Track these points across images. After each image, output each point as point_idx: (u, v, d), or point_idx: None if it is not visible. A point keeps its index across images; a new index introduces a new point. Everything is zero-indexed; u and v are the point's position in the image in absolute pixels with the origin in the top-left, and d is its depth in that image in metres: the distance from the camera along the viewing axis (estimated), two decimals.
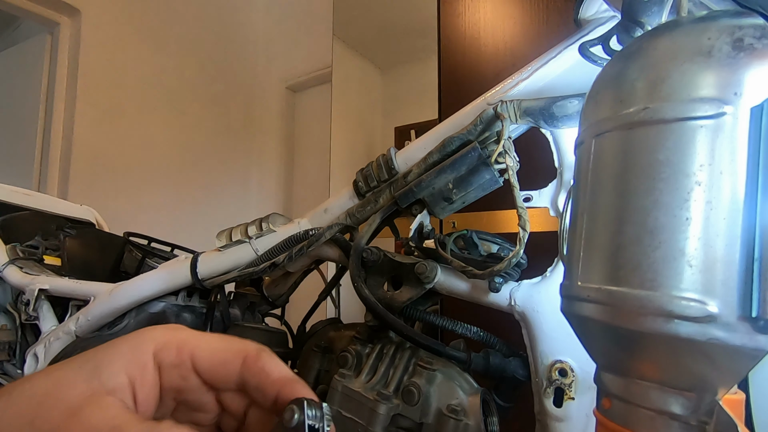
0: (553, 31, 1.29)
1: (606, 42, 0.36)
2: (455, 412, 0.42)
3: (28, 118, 2.26)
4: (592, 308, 0.25)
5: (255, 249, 0.60)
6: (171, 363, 0.22)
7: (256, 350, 0.23)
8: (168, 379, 0.22)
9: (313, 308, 0.68)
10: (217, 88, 2.83)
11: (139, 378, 0.21)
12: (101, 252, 1.02)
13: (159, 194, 2.49)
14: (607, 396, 0.26)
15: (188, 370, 0.22)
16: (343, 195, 0.57)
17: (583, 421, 0.42)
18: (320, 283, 0.69)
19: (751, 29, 0.22)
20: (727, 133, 0.22)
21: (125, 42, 2.38)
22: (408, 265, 0.49)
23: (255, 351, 0.22)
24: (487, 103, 0.48)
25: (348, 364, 0.49)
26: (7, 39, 2.68)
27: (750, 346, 0.21)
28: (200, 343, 0.22)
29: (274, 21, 3.08)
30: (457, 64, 1.45)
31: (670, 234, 0.22)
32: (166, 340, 0.22)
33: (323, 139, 2.27)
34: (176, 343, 0.22)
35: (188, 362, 0.22)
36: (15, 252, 0.93)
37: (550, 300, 0.44)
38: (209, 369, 0.22)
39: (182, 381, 0.22)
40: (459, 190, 0.47)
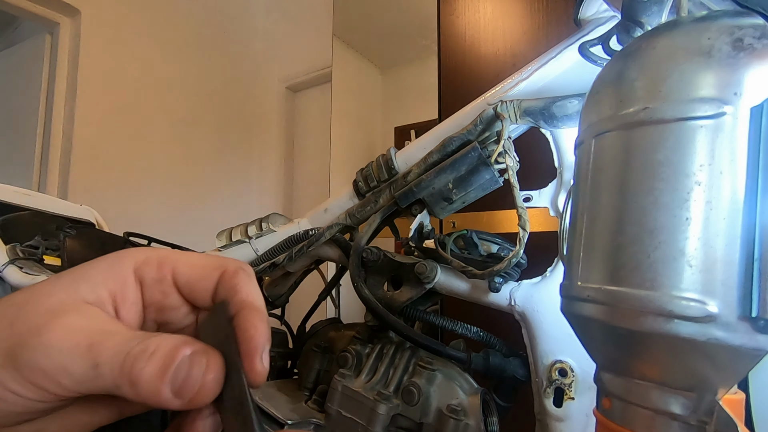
0: (553, 31, 1.29)
1: (606, 42, 0.36)
2: (455, 412, 0.42)
3: (28, 118, 2.26)
4: (592, 308, 0.25)
5: (255, 249, 0.60)
6: (152, 278, 0.21)
7: (235, 267, 0.22)
8: (149, 295, 0.22)
9: (313, 308, 0.68)
10: (217, 88, 2.83)
11: (120, 293, 0.21)
12: (101, 252, 1.01)
13: (159, 194, 2.49)
14: (607, 396, 0.26)
15: (169, 286, 0.22)
16: (343, 195, 0.57)
17: (583, 421, 0.42)
18: (320, 283, 0.69)
19: (751, 29, 0.22)
20: (727, 133, 0.22)
21: (125, 42, 2.38)
22: (408, 265, 0.49)
23: (233, 267, 0.22)
24: (487, 103, 0.48)
25: (348, 364, 0.49)
26: (7, 39, 2.68)
27: (750, 346, 0.21)
28: (180, 258, 0.22)
29: (274, 21, 3.08)
30: (457, 64, 1.45)
31: (670, 234, 0.22)
32: (147, 256, 0.22)
33: (323, 139, 2.27)
34: (156, 258, 0.22)
35: (169, 277, 0.22)
36: (15, 252, 0.93)
37: (550, 300, 0.44)
38: (188, 283, 0.22)
39: (163, 297, 0.22)
40: (459, 190, 0.47)
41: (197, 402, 0.18)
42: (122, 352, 0.18)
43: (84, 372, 0.18)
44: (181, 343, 0.19)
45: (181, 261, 0.22)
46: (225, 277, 0.22)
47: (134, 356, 0.18)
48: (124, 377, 0.18)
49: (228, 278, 0.22)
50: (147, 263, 0.21)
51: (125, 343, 0.18)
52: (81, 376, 0.18)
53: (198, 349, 0.19)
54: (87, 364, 0.18)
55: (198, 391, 0.18)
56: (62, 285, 0.20)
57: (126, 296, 0.21)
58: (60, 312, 0.18)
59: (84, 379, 0.18)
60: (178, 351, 0.18)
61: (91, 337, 0.18)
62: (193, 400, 0.18)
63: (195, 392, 0.18)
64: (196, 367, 0.18)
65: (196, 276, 0.22)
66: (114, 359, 0.18)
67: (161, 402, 0.18)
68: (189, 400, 0.18)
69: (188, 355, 0.18)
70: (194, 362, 0.18)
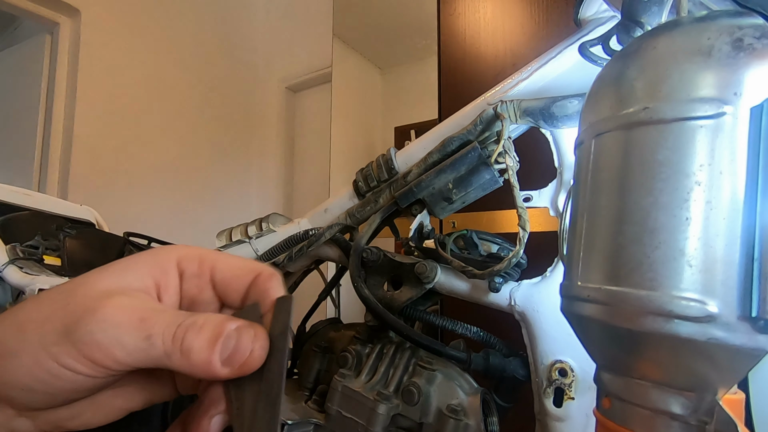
0: (553, 31, 1.29)
1: (606, 42, 0.36)
2: (455, 412, 0.42)
3: (28, 118, 2.26)
4: (592, 308, 0.25)
5: (255, 249, 0.60)
6: (192, 272, 0.23)
7: (270, 272, 0.24)
8: (187, 288, 0.23)
9: (313, 308, 0.68)
10: (217, 87, 2.83)
11: (164, 282, 0.22)
12: (101, 252, 1.02)
13: (159, 194, 2.49)
14: (607, 396, 0.26)
15: (206, 282, 0.23)
16: (343, 195, 0.57)
17: (583, 421, 0.42)
18: (320, 283, 0.69)
19: (751, 29, 0.22)
20: (727, 133, 0.22)
21: (125, 42, 2.38)
22: (408, 265, 0.49)
23: (268, 272, 0.23)
24: (487, 103, 0.48)
25: (348, 364, 0.49)
26: (7, 39, 2.68)
27: (750, 346, 0.21)
28: (220, 257, 0.24)
29: (274, 21, 3.08)
30: (457, 64, 1.45)
31: (670, 234, 0.22)
32: (189, 252, 0.23)
33: (323, 139, 2.27)
34: (198, 255, 0.23)
35: (207, 273, 0.23)
36: (15, 252, 0.93)
37: (550, 300, 0.44)
38: (223, 280, 0.23)
39: (199, 292, 0.23)
40: (459, 190, 0.47)
41: (245, 369, 0.20)
42: (174, 323, 0.19)
43: (137, 343, 0.19)
44: (227, 319, 0.20)
45: (221, 260, 0.23)
46: (259, 280, 0.23)
47: (186, 327, 0.19)
48: (176, 346, 0.19)
49: (262, 281, 0.23)
50: (189, 258, 0.23)
51: (176, 317, 0.20)
52: (134, 347, 0.19)
53: (243, 324, 0.20)
54: (140, 336, 0.19)
55: (248, 358, 0.20)
56: (110, 273, 0.21)
57: (168, 285, 0.22)
58: (111, 294, 0.20)
59: (136, 350, 0.19)
60: (225, 324, 0.20)
61: (142, 313, 0.20)
62: (243, 366, 0.20)
63: (244, 359, 0.20)
64: (245, 335, 0.20)
65: (232, 275, 0.23)
66: (166, 330, 0.19)
67: (211, 370, 0.19)
68: (239, 366, 0.20)
69: (234, 328, 0.20)
70: (242, 332, 0.20)
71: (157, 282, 0.22)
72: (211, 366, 0.19)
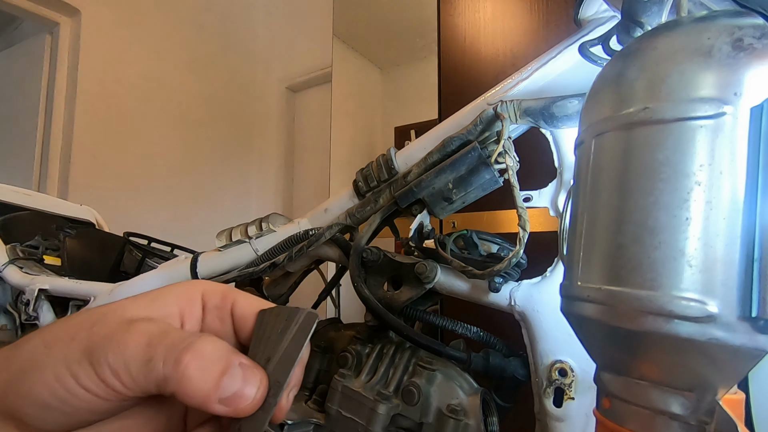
0: (553, 31, 1.29)
1: (606, 42, 0.36)
2: (455, 412, 0.42)
3: (28, 118, 2.26)
4: (592, 308, 0.25)
5: (255, 249, 0.60)
6: (215, 305, 0.24)
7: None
8: (209, 319, 0.24)
9: (313, 308, 0.68)
10: (217, 87, 2.83)
11: (188, 311, 0.23)
12: (101, 252, 1.02)
13: (159, 194, 2.49)
14: (607, 396, 0.26)
15: (227, 315, 0.24)
16: (343, 195, 0.57)
17: (583, 421, 0.42)
18: (320, 283, 0.69)
19: (751, 29, 0.22)
20: (727, 133, 0.22)
21: (125, 42, 2.38)
22: (408, 265, 0.49)
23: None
24: (487, 103, 0.48)
25: (348, 364, 0.49)
26: (7, 39, 2.68)
27: (750, 346, 0.21)
28: (241, 295, 0.25)
29: (274, 21, 3.08)
30: (457, 64, 1.45)
31: (670, 234, 0.22)
32: (214, 287, 0.25)
33: (323, 139, 2.27)
34: (222, 290, 0.25)
35: (229, 307, 0.24)
36: (15, 252, 0.93)
37: (550, 300, 0.44)
38: (242, 317, 0.24)
39: (219, 324, 0.24)
40: (459, 190, 0.47)
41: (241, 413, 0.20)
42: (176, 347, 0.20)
43: (139, 367, 0.19)
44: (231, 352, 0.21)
45: (241, 297, 0.25)
46: None
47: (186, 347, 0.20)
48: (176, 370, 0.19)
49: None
50: (214, 292, 0.24)
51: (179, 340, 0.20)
52: (136, 371, 0.19)
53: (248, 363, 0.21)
54: (143, 359, 0.19)
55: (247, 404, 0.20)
56: (140, 301, 0.22)
57: (192, 314, 0.24)
58: (134, 321, 0.21)
59: (138, 374, 0.19)
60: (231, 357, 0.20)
61: (150, 338, 0.20)
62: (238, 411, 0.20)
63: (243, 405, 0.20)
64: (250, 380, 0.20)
65: (251, 313, 0.24)
66: (168, 353, 0.19)
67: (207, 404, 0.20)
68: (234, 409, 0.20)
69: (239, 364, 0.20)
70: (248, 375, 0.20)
71: (182, 310, 0.23)
72: (208, 401, 0.19)
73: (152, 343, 0.20)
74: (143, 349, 0.20)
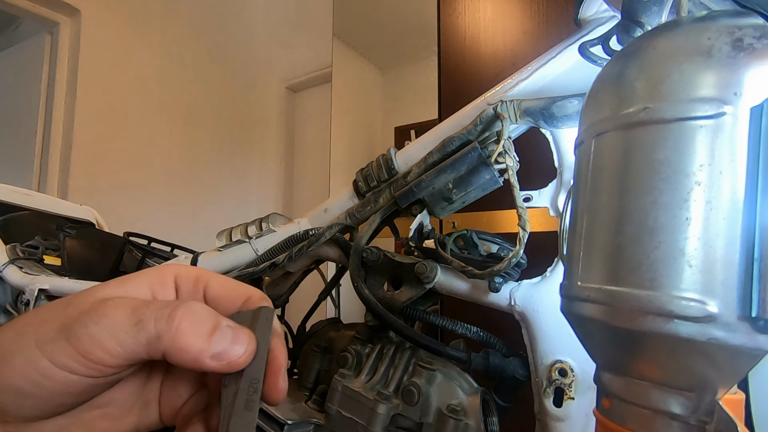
0: (553, 31, 1.29)
1: (606, 42, 0.36)
2: (455, 412, 0.42)
3: (28, 118, 2.26)
4: (592, 308, 0.25)
5: (255, 249, 0.60)
6: (187, 289, 0.24)
7: (260, 297, 0.24)
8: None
9: (313, 308, 0.68)
10: (217, 87, 2.83)
11: (161, 294, 0.23)
12: (101, 252, 1.02)
13: (159, 194, 2.49)
14: (607, 396, 0.26)
15: (200, 298, 0.24)
16: (343, 195, 0.57)
17: (583, 421, 0.42)
18: (320, 283, 0.69)
19: (751, 29, 0.22)
20: (727, 133, 0.22)
21: (125, 42, 2.38)
22: (408, 265, 0.49)
23: (258, 297, 0.24)
24: (487, 103, 0.48)
25: (348, 364, 0.49)
26: (7, 39, 2.68)
27: (750, 346, 0.21)
28: (214, 277, 0.25)
29: (274, 21, 3.08)
30: (457, 64, 1.45)
31: (670, 234, 0.22)
32: (186, 271, 0.25)
33: (323, 139, 2.27)
34: (194, 274, 0.25)
35: (201, 291, 0.24)
36: (15, 252, 0.93)
37: (550, 300, 0.44)
38: (215, 299, 0.24)
39: None
40: (459, 190, 0.47)
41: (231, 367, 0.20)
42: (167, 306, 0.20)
43: (127, 329, 0.19)
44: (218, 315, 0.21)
45: (215, 279, 0.25)
46: (249, 303, 0.24)
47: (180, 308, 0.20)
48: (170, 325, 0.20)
49: (252, 304, 0.24)
50: (186, 275, 0.24)
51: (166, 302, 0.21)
52: (124, 335, 0.19)
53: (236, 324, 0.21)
54: (130, 323, 0.20)
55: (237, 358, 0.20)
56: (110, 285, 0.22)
57: (165, 297, 0.23)
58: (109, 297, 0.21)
59: (127, 337, 0.19)
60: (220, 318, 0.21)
61: (134, 305, 0.20)
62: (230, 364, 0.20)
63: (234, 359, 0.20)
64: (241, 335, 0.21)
65: (224, 295, 0.24)
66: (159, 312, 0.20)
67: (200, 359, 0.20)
68: (227, 363, 0.20)
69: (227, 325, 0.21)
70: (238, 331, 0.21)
71: (154, 293, 0.23)
72: (201, 355, 0.20)
73: (138, 308, 0.20)
74: (129, 314, 0.20)
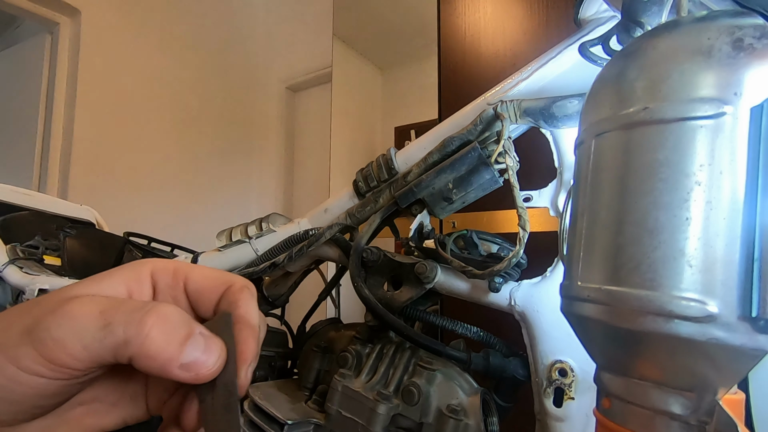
0: (553, 31, 1.29)
1: (606, 42, 0.36)
2: (455, 412, 0.42)
3: (28, 118, 2.25)
4: (592, 308, 0.25)
5: (255, 249, 0.60)
6: (166, 284, 0.23)
7: (241, 284, 0.23)
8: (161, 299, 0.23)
9: (313, 308, 0.68)
10: (217, 88, 2.83)
11: (137, 291, 0.22)
12: (101, 252, 1.02)
13: (159, 194, 2.49)
14: (607, 396, 0.26)
15: (180, 292, 0.23)
16: (343, 195, 0.57)
17: (583, 421, 0.42)
18: (320, 283, 0.69)
19: (751, 29, 0.22)
20: (727, 133, 0.22)
21: (125, 42, 2.38)
22: (408, 265, 0.49)
23: (240, 284, 0.23)
24: (487, 103, 0.48)
25: (348, 364, 0.49)
26: (7, 39, 2.68)
27: (750, 346, 0.21)
28: (194, 268, 0.24)
29: (274, 21, 3.08)
30: (457, 64, 1.45)
31: (670, 234, 0.22)
32: (164, 265, 0.23)
33: (323, 139, 2.27)
34: (173, 267, 0.23)
35: (181, 284, 0.23)
36: (15, 252, 0.93)
37: (550, 300, 0.44)
38: (196, 291, 0.23)
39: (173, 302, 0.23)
40: (459, 190, 0.47)
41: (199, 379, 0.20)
42: (137, 309, 0.19)
43: (94, 333, 0.18)
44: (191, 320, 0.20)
45: (194, 271, 0.24)
46: (230, 291, 0.23)
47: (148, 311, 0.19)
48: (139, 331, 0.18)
49: (232, 293, 0.23)
50: (164, 270, 0.23)
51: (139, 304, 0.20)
52: (91, 338, 0.18)
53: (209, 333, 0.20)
54: (97, 325, 0.18)
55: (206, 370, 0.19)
56: (83, 283, 0.21)
57: (141, 294, 0.22)
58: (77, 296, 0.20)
59: (93, 341, 0.18)
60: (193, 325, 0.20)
61: (103, 306, 0.19)
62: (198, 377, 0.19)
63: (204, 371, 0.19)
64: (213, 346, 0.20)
65: (205, 286, 0.23)
66: (129, 316, 0.19)
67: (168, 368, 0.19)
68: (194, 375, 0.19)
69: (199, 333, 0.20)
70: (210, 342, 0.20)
71: (130, 291, 0.22)
72: (170, 364, 0.19)
73: (107, 310, 0.19)
74: (96, 316, 0.19)
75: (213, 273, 0.24)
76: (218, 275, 0.24)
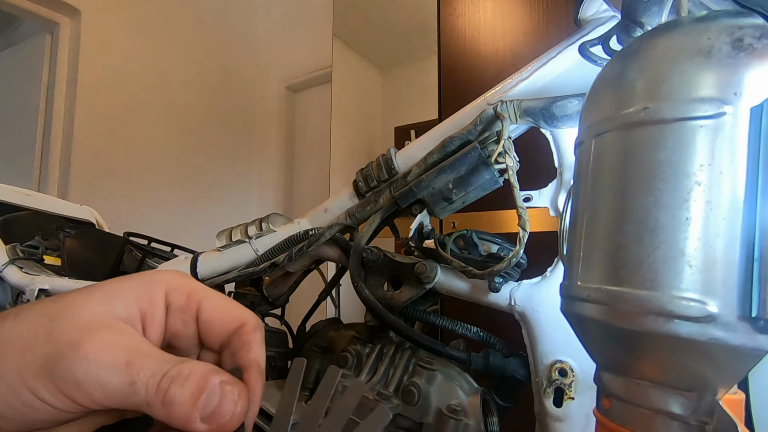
0: (553, 31, 1.29)
1: (606, 42, 0.36)
2: (455, 412, 0.42)
3: (28, 118, 2.26)
4: (592, 308, 0.25)
5: (255, 249, 0.60)
6: (179, 306, 0.22)
7: (255, 324, 0.23)
8: (172, 321, 0.23)
9: (313, 308, 0.68)
10: (217, 87, 2.83)
11: (150, 314, 0.22)
12: (101, 252, 1.02)
13: (159, 194, 2.49)
14: (607, 396, 0.26)
15: (192, 318, 0.23)
16: (343, 195, 0.57)
17: (583, 421, 0.42)
18: (320, 283, 0.69)
19: (751, 29, 0.22)
20: (727, 133, 0.22)
21: (125, 42, 2.38)
22: (408, 265, 0.49)
23: (254, 324, 0.23)
24: (487, 103, 0.48)
25: (348, 364, 0.49)
26: (7, 39, 2.68)
27: (750, 346, 0.21)
28: (209, 295, 0.23)
29: (274, 21, 3.08)
30: (457, 64, 1.45)
31: (670, 234, 0.22)
32: (179, 284, 0.23)
33: (323, 139, 2.27)
34: (188, 289, 0.23)
35: (194, 309, 0.23)
36: (15, 252, 0.93)
37: (550, 300, 0.44)
38: (208, 321, 0.23)
39: (183, 327, 0.23)
40: (459, 190, 0.47)
41: (224, 429, 0.19)
42: (159, 372, 0.19)
43: (119, 389, 0.18)
44: (212, 370, 0.20)
45: (209, 299, 0.23)
46: (244, 331, 0.23)
47: (171, 378, 0.19)
48: (158, 397, 0.18)
49: (246, 333, 0.23)
50: (178, 290, 0.22)
51: (162, 365, 0.19)
52: (115, 392, 0.18)
53: (228, 379, 0.20)
54: (124, 381, 0.18)
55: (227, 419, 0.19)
56: (96, 298, 0.20)
57: (154, 317, 0.22)
58: (97, 326, 0.19)
59: (117, 395, 0.18)
60: (210, 377, 0.19)
61: (129, 355, 0.19)
62: (221, 427, 0.19)
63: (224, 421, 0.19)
64: (228, 396, 0.19)
65: (218, 318, 0.23)
66: (151, 379, 0.18)
67: (189, 425, 0.19)
68: (217, 426, 0.19)
69: (218, 383, 0.19)
70: (226, 391, 0.19)
71: (143, 313, 0.21)
72: (190, 422, 0.19)
73: (132, 362, 0.19)
74: (122, 368, 0.18)
75: (226, 306, 0.23)
76: (232, 309, 0.23)
